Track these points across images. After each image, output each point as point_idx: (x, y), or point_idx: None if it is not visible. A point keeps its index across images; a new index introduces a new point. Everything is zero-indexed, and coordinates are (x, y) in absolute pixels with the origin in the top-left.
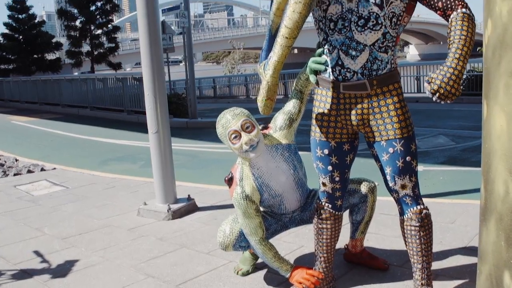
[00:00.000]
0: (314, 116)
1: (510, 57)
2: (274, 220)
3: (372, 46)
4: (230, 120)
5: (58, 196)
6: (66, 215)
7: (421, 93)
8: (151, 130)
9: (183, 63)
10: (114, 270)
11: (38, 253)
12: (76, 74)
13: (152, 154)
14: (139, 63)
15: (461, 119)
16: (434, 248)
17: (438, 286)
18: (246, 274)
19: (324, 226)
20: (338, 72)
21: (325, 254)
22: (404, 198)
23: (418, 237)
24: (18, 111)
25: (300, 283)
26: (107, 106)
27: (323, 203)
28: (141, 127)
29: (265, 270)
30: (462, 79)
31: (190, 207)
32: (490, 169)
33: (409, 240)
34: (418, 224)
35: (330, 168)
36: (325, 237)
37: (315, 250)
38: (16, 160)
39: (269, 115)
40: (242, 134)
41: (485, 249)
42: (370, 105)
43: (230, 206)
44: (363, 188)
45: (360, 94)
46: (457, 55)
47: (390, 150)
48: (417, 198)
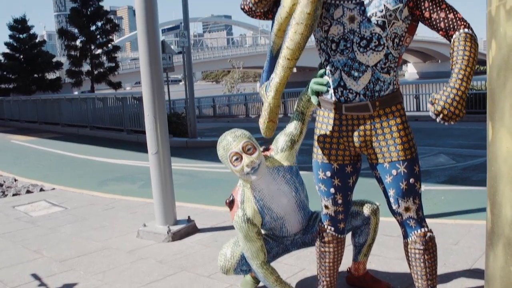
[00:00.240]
0: (316, 138)
1: None
2: (275, 243)
3: (374, 67)
4: (231, 142)
5: (57, 217)
6: (64, 237)
7: (420, 111)
8: (151, 150)
9: (183, 82)
10: None
11: (36, 276)
12: (76, 93)
13: (152, 175)
14: (139, 82)
15: (461, 138)
16: (438, 270)
17: None
18: None
19: (326, 249)
20: (340, 93)
21: (327, 278)
22: (408, 221)
23: (422, 260)
24: (18, 131)
25: None
26: (107, 126)
27: (326, 226)
28: (140, 147)
29: None
30: (465, 100)
31: (190, 229)
32: (497, 192)
33: (413, 263)
34: (422, 247)
35: (332, 190)
36: (327, 260)
37: (318, 274)
38: (15, 180)
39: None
40: (244, 156)
41: (492, 274)
42: (372, 126)
43: (231, 228)
44: (366, 210)
45: (362, 116)
46: (460, 76)
47: (394, 172)
48: (421, 221)
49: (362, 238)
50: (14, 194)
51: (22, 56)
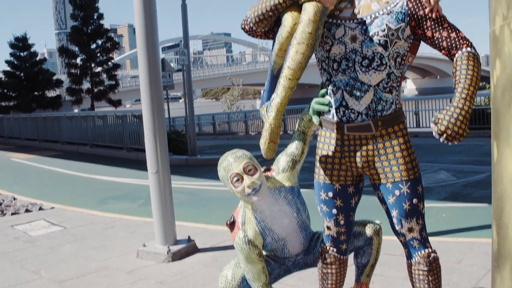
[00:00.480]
0: (318, 158)
1: None
2: (277, 264)
3: (376, 87)
4: (232, 162)
5: (56, 236)
6: (63, 257)
7: (420, 127)
8: (151, 170)
9: (183, 100)
10: None
11: None
12: (76, 111)
13: (151, 194)
14: (139, 100)
15: (461, 154)
16: None
17: None
18: None
19: (329, 271)
20: (342, 113)
21: None
22: (411, 242)
23: (426, 281)
24: (17, 148)
25: None
26: (107, 144)
27: (328, 247)
28: (140, 165)
29: None
30: (469, 119)
31: (190, 249)
32: (503, 213)
33: (417, 284)
34: (426, 268)
35: (334, 211)
36: (330, 282)
37: None
38: (14, 198)
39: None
40: (245, 177)
41: None
42: (375, 146)
43: (231, 248)
44: (368, 230)
45: (365, 136)
46: (463, 95)
47: (397, 193)
48: (424, 242)
49: (364, 258)
50: (13, 213)
51: (22, 74)
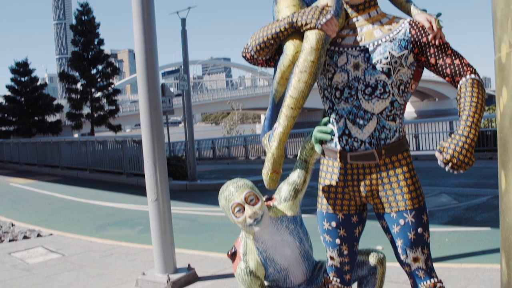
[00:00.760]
0: (320, 187)
1: None
2: None
3: (379, 115)
4: (233, 192)
5: (53, 264)
6: (61, 286)
7: (420, 150)
8: (151, 198)
9: (183, 124)
10: None
11: None
12: (76, 136)
13: (151, 222)
14: (139, 124)
15: (462, 177)
16: None
17: None
18: None
19: None
20: (345, 141)
21: None
22: (416, 272)
23: None
24: (17, 173)
25: None
26: (107, 169)
27: (331, 278)
28: (140, 190)
29: None
30: (474, 147)
31: (190, 277)
32: None
33: None
34: None
35: (338, 241)
36: None
37: None
38: (12, 225)
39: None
40: (246, 207)
41: None
42: (379, 175)
43: (232, 276)
44: (372, 259)
45: (368, 164)
46: (468, 123)
47: (401, 222)
48: (430, 271)
49: None
50: (10, 240)
51: (23, 99)
